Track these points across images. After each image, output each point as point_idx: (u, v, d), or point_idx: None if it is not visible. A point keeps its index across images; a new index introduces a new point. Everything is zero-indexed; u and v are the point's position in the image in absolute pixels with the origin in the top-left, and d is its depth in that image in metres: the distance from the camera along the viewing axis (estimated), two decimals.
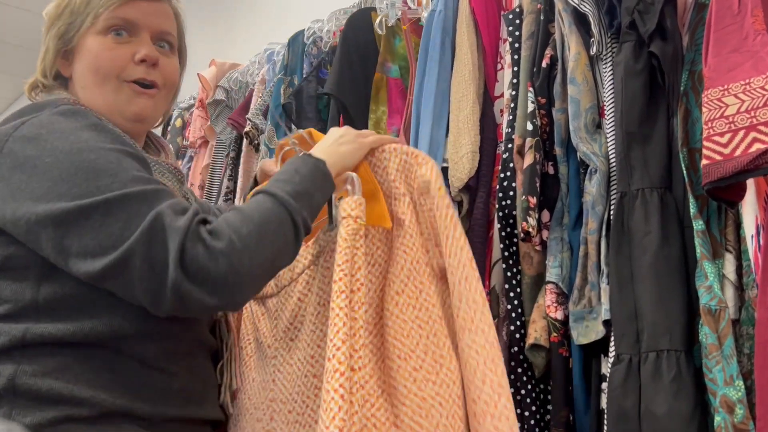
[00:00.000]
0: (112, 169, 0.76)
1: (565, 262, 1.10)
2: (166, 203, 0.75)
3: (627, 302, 0.98)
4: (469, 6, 1.30)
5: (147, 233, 0.72)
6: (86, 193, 0.74)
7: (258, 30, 2.67)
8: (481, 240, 1.21)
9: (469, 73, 1.25)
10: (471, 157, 1.20)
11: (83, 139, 0.78)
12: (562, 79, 1.14)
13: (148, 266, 0.72)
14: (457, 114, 1.24)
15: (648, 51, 1.03)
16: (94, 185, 0.74)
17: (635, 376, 0.94)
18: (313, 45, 1.78)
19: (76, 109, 0.84)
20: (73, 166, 0.75)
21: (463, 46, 1.27)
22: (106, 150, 0.78)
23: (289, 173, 0.86)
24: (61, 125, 0.80)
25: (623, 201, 1.02)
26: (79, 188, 0.74)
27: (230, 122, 2.01)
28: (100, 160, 0.76)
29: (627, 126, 1.03)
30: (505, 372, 0.84)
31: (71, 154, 0.76)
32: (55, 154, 0.76)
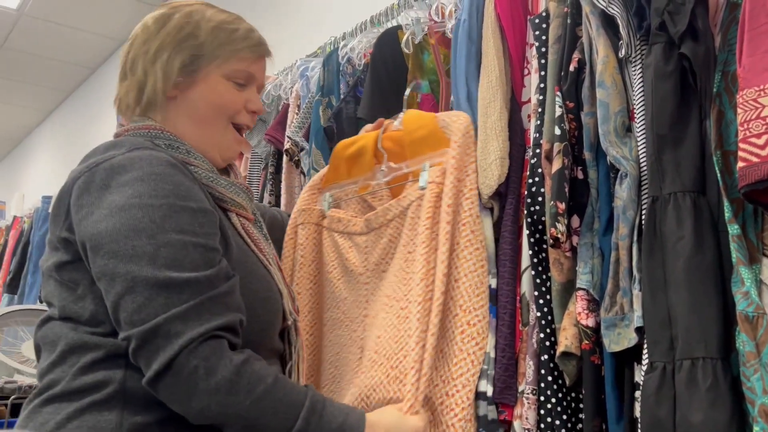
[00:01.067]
0: (150, 230, 0.83)
1: (595, 268, 1.08)
2: (186, 305, 0.81)
3: (660, 309, 0.95)
4: (495, 12, 1.29)
5: (146, 333, 0.80)
6: (120, 252, 0.82)
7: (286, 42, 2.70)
8: (511, 247, 1.20)
9: (496, 78, 1.24)
10: (500, 164, 1.20)
11: (138, 194, 0.84)
12: (590, 83, 1.12)
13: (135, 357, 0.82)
14: (485, 120, 1.23)
15: (679, 52, 1.01)
16: (131, 244, 0.82)
17: (669, 385, 0.91)
18: (347, 63, 1.79)
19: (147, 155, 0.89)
20: (119, 223, 0.83)
21: (489, 53, 1.27)
22: (155, 207, 0.84)
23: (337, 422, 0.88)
24: (125, 177, 0.86)
25: (655, 205, 1.00)
26: (116, 244, 0.82)
27: (268, 138, 2.03)
28: (143, 220, 0.83)
29: (658, 129, 1.01)
30: None
31: (123, 211, 0.83)
32: (110, 207, 0.84)
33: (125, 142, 0.92)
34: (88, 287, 0.87)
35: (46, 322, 0.92)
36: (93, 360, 0.85)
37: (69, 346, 0.87)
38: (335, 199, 1.37)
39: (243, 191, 1.03)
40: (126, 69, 1.02)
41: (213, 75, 1.00)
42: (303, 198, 1.40)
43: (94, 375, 0.84)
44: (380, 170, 1.31)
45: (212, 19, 1.01)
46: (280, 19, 2.78)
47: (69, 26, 4.30)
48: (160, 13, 1.02)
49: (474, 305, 1.12)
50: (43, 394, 0.87)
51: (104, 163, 0.87)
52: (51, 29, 4.33)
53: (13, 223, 4.66)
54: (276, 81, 2.18)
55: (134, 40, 1.02)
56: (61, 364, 0.87)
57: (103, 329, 0.86)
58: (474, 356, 1.09)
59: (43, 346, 0.92)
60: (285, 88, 2.12)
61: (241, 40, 1.02)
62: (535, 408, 1.10)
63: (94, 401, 0.83)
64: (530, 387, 1.11)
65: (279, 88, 2.15)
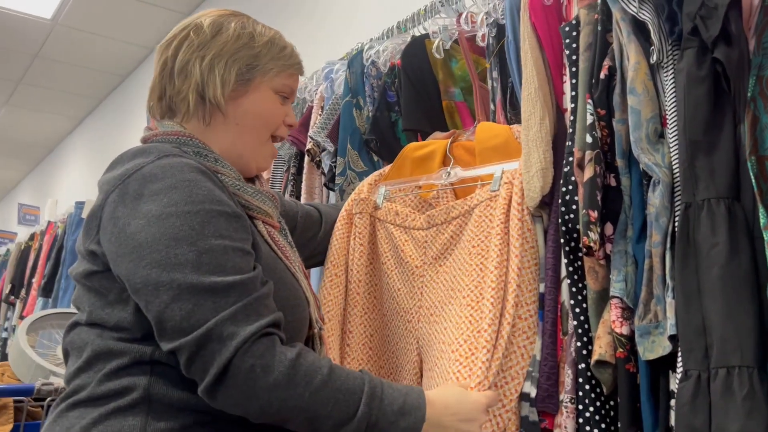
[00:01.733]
0: (191, 237, 0.83)
1: (629, 276, 1.07)
2: (234, 307, 0.82)
3: (694, 317, 0.95)
4: (530, 22, 1.29)
5: (199, 339, 0.80)
6: (162, 261, 0.82)
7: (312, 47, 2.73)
8: (553, 255, 1.20)
9: (535, 90, 1.24)
10: (542, 175, 1.19)
11: (173, 202, 0.85)
12: (621, 90, 1.12)
13: (190, 365, 0.82)
14: (527, 132, 1.22)
15: (712, 57, 1.00)
16: (173, 252, 0.82)
17: (705, 393, 0.90)
18: (372, 66, 1.80)
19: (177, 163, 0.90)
20: (158, 232, 0.83)
21: (527, 64, 1.26)
22: (191, 214, 0.85)
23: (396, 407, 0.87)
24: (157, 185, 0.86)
25: (688, 212, 0.99)
26: (158, 254, 0.82)
27: (291, 139, 2.05)
28: (183, 227, 0.83)
29: (691, 135, 1.00)
30: None
31: (160, 220, 0.84)
32: (147, 217, 0.84)
33: (153, 149, 0.93)
34: (118, 294, 0.88)
35: (74, 327, 0.94)
36: (118, 366, 0.86)
37: (95, 353, 0.88)
38: (391, 193, 1.41)
39: (269, 199, 1.04)
40: (173, 68, 1.01)
41: (264, 87, 1.03)
42: (362, 189, 1.44)
43: (119, 381, 0.85)
44: (446, 172, 1.36)
45: (264, 34, 1.05)
46: (307, 25, 2.81)
47: (100, 35, 4.39)
48: (213, 19, 1.02)
49: (526, 300, 1.15)
50: (69, 399, 0.89)
51: (135, 174, 0.88)
52: (83, 38, 4.43)
53: (47, 229, 4.76)
54: (301, 84, 2.21)
55: (184, 42, 1.01)
56: (87, 370, 0.88)
57: (129, 335, 0.87)
58: (524, 350, 1.11)
59: (71, 351, 0.93)
60: (310, 90, 2.14)
61: (289, 57, 1.06)
62: (574, 417, 1.09)
63: (118, 407, 0.84)
64: (569, 396, 1.10)
65: (304, 90, 2.17)
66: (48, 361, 2.25)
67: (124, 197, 0.87)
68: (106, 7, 4.02)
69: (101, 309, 0.90)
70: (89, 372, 0.88)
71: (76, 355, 0.91)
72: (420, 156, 1.39)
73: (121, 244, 0.85)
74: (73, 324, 0.94)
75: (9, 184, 8.38)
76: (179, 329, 0.81)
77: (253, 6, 3.23)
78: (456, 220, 1.29)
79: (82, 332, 0.91)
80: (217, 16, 1.03)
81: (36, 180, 7.53)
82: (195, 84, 0.99)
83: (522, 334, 1.14)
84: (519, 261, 1.16)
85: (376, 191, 1.44)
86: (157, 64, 1.04)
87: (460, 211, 1.29)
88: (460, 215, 1.29)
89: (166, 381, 0.85)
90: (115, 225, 0.86)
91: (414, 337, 1.30)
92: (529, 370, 1.15)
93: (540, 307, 1.18)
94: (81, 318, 0.93)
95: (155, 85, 1.04)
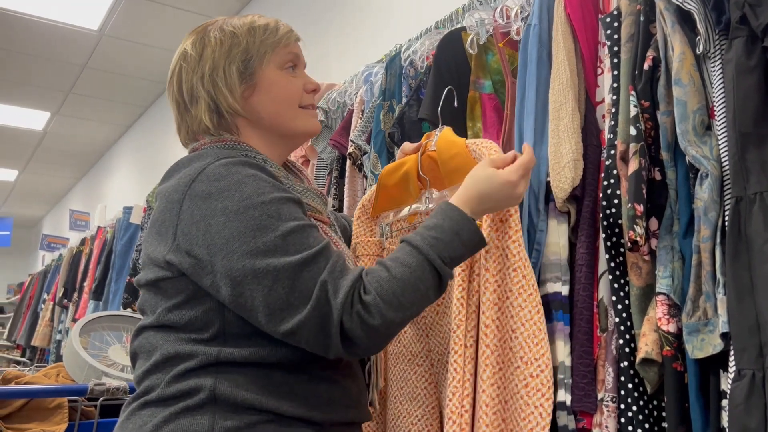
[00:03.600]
0: (272, 224, 0.87)
1: (676, 272, 1.04)
2: (326, 269, 0.87)
3: (747, 314, 0.91)
4: (565, 12, 1.27)
5: (315, 309, 0.85)
6: (253, 250, 0.86)
7: (351, 50, 2.74)
8: (587, 251, 1.18)
9: (567, 80, 1.22)
10: (573, 166, 1.17)
11: (246, 195, 0.89)
12: (666, 81, 1.09)
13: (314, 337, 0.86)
14: (557, 123, 1.21)
15: (762, 46, 0.97)
16: (261, 241, 0.86)
17: (759, 393, 0.87)
18: (410, 67, 1.80)
19: (237, 161, 0.94)
20: (242, 225, 0.87)
21: (559, 54, 1.25)
22: (266, 203, 0.89)
23: (449, 234, 0.94)
24: (225, 182, 0.90)
25: (739, 206, 0.96)
26: (247, 245, 0.86)
27: (332, 143, 2.06)
28: (262, 217, 0.88)
29: (741, 126, 0.97)
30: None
31: (239, 214, 0.87)
32: (225, 213, 0.88)
33: (208, 153, 0.96)
34: (190, 295, 0.91)
35: (141, 331, 0.97)
36: (186, 369, 0.89)
37: (163, 356, 0.91)
38: (391, 228, 1.34)
39: (318, 196, 1.07)
40: (185, 101, 1.04)
41: (268, 70, 1.03)
42: (356, 228, 1.37)
43: (187, 383, 0.89)
44: (425, 196, 1.27)
45: (242, 25, 1.04)
46: (346, 28, 2.82)
47: (145, 44, 4.50)
48: (192, 40, 1.04)
49: (535, 355, 1.05)
50: (141, 399, 0.92)
51: (200, 176, 0.91)
52: (128, 48, 4.55)
53: (97, 234, 4.89)
54: (341, 88, 2.22)
55: (181, 73, 1.03)
56: (156, 372, 0.92)
57: (198, 336, 0.91)
58: (542, 408, 1.03)
59: (140, 354, 0.96)
60: (350, 94, 2.15)
61: (274, 31, 1.05)
62: (616, 416, 1.07)
63: (187, 406, 0.88)
64: (610, 394, 1.08)
65: (344, 94, 2.18)
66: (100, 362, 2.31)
67: (196, 200, 0.90)
68: (149, 17, 4.12)
69: (171, 311, 0.92)
70: (158, 374, 0.91)
71: (145, 357, 0.94)
72: (396, 181, 1.29)
73: (210, 244, 0.87)
74: (139, 329, 0.97)
75: (61, 191, 8.66)
76: (287, 305, 0.85)
77: (291, 11, 3.27)
78: None
79: (150, 336, 0.94)
80: (195, 35, 1.05)
81: (86, 187, 7.76)
82: (206, 103, 1.01)
83: (536, 393, 1.04)
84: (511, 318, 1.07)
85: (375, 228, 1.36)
86: (172, 104, 1.07)
87: None
88: None
89: (230, 382, 0.88)
90: (198, 228, 0.89)
91: (429, 382, 1.22)
92: (560, 377, 1.12)
93: (565, 310, 1.15)
94: (148, 322, 0.96)
95: (178, 122, 1.07)
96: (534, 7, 1.35)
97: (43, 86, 5.22)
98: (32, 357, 6.10)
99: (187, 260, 0.89)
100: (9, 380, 2.19)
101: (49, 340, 5.62)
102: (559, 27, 1.26)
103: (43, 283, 6.56)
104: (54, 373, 2.35)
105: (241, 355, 0.90)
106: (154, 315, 0.95)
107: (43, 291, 6.40)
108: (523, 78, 1.34)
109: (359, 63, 2.24)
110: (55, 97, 5.47)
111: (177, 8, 4.02)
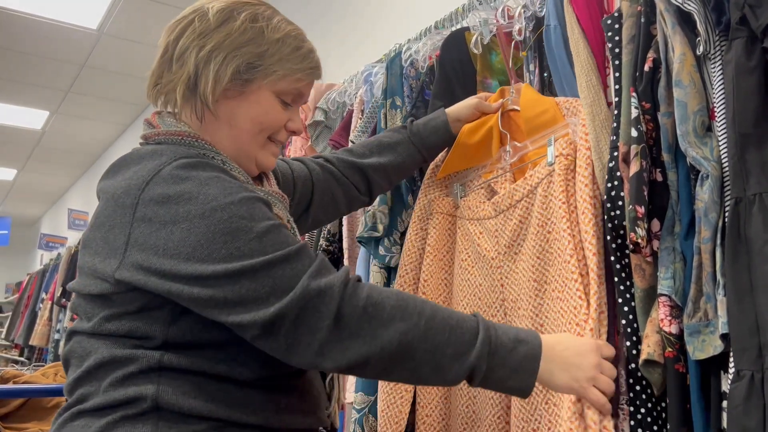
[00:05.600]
0: (245, 226, 0.79)
1: (677, 273, 1.04)
2: (312, 266, 0.79)
3: (747, 315, 0.92)
4: (574, 15, 1.27)
5: (300, 299, 0.76)
6: (227, 257, 0.77)
7: (351, 50, 2.74)
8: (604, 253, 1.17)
9: (595, 77, 1.21)
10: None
11: (211, 197, 0.80)
12: (666, 82, 1.09)
13: (296, 329, 0.77)
14: (593, 120, 1.18)
15: (762, 47, 0.97)
16: (234, 246, 0.78)
17: (759, 394, 0.87)
18: (410, 67, 1.80)
19: (196, 162, 0.85)
20: (209, 231, 0.78)
21: (581, 53, 1.23)
22: (235, 204, 0.80)
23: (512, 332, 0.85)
24: (186, 185, 0.81)
25: (738, 207, 0.96)
26: (219, 252, 0.78)
27: (332, 143, 2.06)
28: (232, 219, 0.79)
29: (741, 127, 0.97)
30: None
31: (204, 218, 0.79)
32: (189, 218, 0.79)
33: (162, 151, 0.87)
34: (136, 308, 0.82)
35: (73, 335, 0.88)
36: (124, 375, 0.81)
37: (98, 361, 0.83)
38: (465, 187, 1.39)
39: (279, 200, 1.00)
40: (172, 54, 0.93)
41: (264, 90, 0.93)
42: (429, 188, 1.41)
43: (125, 390, 0.80)
44: (505, 151, 1.31)
45: (278, 29, 0.93)
46: (346, 28, 2.82)
47: (144, 44, 4.49)
48: (221, 6, 0.92)
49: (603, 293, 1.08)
50: (72, 408, 0.84)
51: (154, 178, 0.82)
52: (127, 47, 4.54)
53: None
54: (341, 88, 2.22)
55: (188, 27, 0.92)
56: (90, 380, 0.83)
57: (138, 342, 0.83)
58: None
59: (72, 360, 0.87)
60: (350, 94, 2.15)
61: (302, 59, 0.95)
62: (629, 419, 1.06)
63: (126, 415, 0.80)
64: (624, 397, 1.08)
65: (344, 94, 2.18)
66: None
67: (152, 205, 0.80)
68: (148, 16, 4.11)
69: (109, 321, 0.83)
70: (93, 381, 0.83)
71: (77, 363, 0.86)
72: (480, 138, 1.33)
73: (174, 254, 0.78)
74: (72, 332, 0.88)
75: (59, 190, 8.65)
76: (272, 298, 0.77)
77: (291, 11, 3.26)
78: (521, 203, 1.23)
79: (83, 340, 0.86)
80: (229, 3, 0.93)
81: (84, 186, 7.75)
82: (187, 75, 0.91)
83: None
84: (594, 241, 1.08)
85: (449, 188, 1.40)
86: (161, 46, 0.95)
87: (523, 192, 1.23)
88: (524, 197, 1.23)
89: (175, 389, 0.80)
90: (158, 237, 0.79)
91: None
92: None
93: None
94: (81, 327, 0.87)
95: (155, 68, 0.95)
96: (549, 7, 1.34)
97: (41, 85, 5.21)
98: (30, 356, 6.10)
99: (140, 276, 0.80)
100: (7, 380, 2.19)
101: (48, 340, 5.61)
102: (574, 28, 1.26)
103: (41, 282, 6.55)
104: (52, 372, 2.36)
105: (186, 364, 0.81)
106: (90, 323, 0.85)
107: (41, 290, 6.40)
108: (557, 78, 1.32)
109: (359, 63, 2.24)
110: (54, 96, 5.46)
111: (176, 7, 4.02)
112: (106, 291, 0.83)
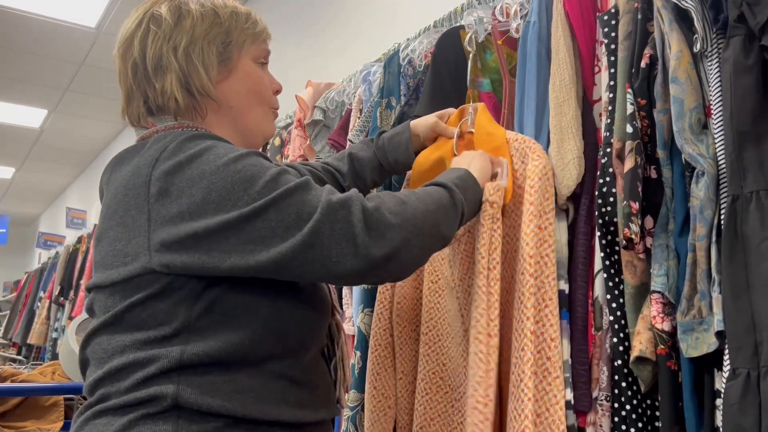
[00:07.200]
0: (259, 172, 0.83)
1: (671, 270, 1.04)
2: (325, 190, 0.85)
3: (743, 313, 0.91)
4: (564, 10, 1.27)
5: (327, 212, 0.81)
6: (251, 200, 0.81)
7: (350, 49, 2.73)
8: (584, 249, 1.17)
9: (569, 76, 1.22)
10: (577, 163, 1.17)
11: (221, 154, 0.83)
12: (663, 79, 1.09)
13: (335, 240, 0.81)
14: (559, 119, 1.20)
15: (759, 45, 0.96)
16: (254, 190, 0.81)
17: (755, 393, 0.87)
18: (408, 65, 1.80)
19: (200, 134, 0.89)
20: (227, 182, 0.81)
21: (560, 51, 1.24)
22: (244, 156, 0.84)
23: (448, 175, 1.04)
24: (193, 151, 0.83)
25: (735, 205, 0.96)
26: (242, 199, 0.81)
27: (330, 142, 2.06)
28: (246, 168, 0.83)
29: (738, 125, 0.97)
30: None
31: (220, 172, 0.82)
32: (205, 176, 0.81)
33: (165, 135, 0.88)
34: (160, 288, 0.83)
35: (92, 337, 0.89)
36: (145, 377, 0.83)
37: (120, 364, 0.84)
38: None
39: None
40: (146, 68, 0.93)
41: (244, 60, 0.98)
42: None
43: (146, 390, 0.82)
44: None
45: (224, 6, 0.98)
46: (345, 28, 2.82)
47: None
48: (168, 4, 0.95)
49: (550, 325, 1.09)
50: (94, 407, 0.85)
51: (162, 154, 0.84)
52: None
53: (93, 231, 4.89)
54: (340, 87, 2.21)
55: (147, 36, 0.93)
56: (111, 381, 0.85)
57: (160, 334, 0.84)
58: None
59: (91, 362, 0.89)
60: (348, 93, 2.15)
61: (254, 23, 1.00)
62: (609, 415, 1.07)
63: (147, 413, 0.81)
64: (604, 393, 1.08)
65: (343, 93, 2.18)
66: None
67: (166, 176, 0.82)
68: None
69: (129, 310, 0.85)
70: (114, 382, 0.84)
71: (97, 364, 0.87)
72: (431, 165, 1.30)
73: (201, 214, 0.80)
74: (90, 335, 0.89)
75: (57, 189, 8.65)
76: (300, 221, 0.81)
77: (290, 10, 3.26)
78: (464, 237, 1.23)
79: (103, 342, 0.87)
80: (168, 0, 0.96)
81: (83, 184, 7.75)
82: (177, 78, 0.92)
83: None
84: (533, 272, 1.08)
85: None
86: (124, 68, 0.95)
87: (465, 228, 1.23)
88: (467, 231, 1.23)
89: (194, 389, 0.82)
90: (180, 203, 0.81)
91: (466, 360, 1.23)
92: (566, 375, 1.12)
93: (566, 307, 1.15)
94: (98, 323, 0.88)
95: (131, 92, 0.95)
96: (533, 4, 1.34)
97: (40, 83, 5.21)
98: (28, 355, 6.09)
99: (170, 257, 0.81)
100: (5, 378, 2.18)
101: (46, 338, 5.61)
102: (559, 24, 1.26)
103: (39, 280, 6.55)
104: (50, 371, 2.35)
105: (205, 353, 0.83)
106: (109, 314, 0.86)
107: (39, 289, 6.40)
108: (522, 76, 1.33)
109: (358, 62, 2.24)
110: (52, 95, 5.46)
111: None
112: (135, 272, 0.84)
